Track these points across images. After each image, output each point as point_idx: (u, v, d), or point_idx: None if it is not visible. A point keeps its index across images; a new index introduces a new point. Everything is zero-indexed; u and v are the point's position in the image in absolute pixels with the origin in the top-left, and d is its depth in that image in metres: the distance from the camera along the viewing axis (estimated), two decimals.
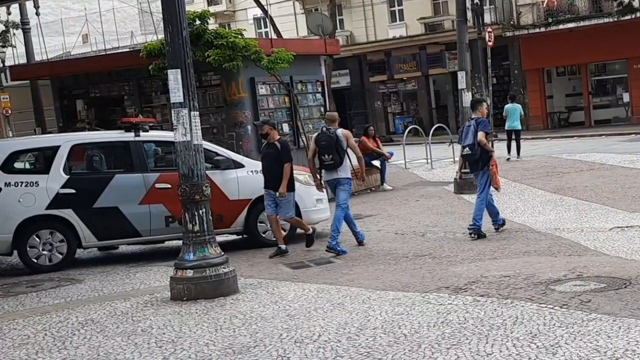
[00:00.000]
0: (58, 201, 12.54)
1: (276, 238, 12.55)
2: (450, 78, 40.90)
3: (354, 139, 13.47)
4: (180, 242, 10.36)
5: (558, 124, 39.86)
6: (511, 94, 28.82)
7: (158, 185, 12.82)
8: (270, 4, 35.22)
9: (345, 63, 43.47)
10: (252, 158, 15.05)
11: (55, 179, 12.60)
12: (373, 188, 20.25)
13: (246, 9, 48.35)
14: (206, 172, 10.06)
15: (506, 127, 25.73)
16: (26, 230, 12.44)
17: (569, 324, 7.16)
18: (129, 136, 13.06)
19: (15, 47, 39.92)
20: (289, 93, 20.02)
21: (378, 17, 44.80)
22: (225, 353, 7.23)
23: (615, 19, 35.43)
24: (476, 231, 12.47)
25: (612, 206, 14.61)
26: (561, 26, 37.21)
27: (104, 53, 35.55)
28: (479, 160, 12.61)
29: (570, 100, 40.41)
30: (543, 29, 37.83)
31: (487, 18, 37.14)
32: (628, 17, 34.61)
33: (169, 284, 9.86)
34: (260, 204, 13.22)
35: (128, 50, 30.24)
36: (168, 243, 13.93)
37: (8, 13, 37.11)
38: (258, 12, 43.88)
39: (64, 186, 12.60)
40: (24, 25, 30.36)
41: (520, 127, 25.70)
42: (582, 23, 36.57)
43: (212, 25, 24.36)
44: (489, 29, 28.90)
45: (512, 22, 39.20)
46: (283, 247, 12.37)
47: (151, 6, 39.85)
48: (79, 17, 50.22)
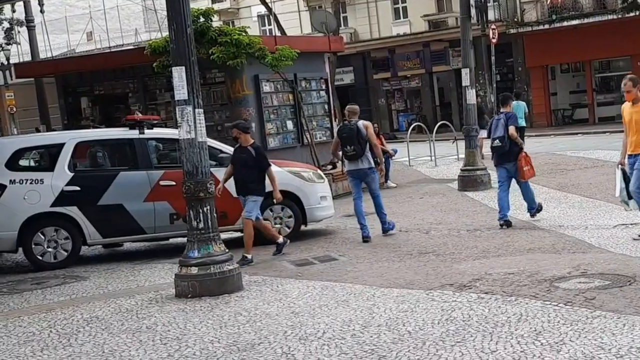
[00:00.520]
0: (63, 198, 12.57)
1: (271, 236, 12.41)
2: (453, 75, 40.89)
3: None
4: (184, 240, 10.37)
5: (562, 121, 39.82)
6: (516, 92, 28.87)
7: (162, 182, 12.84)
8: (274, 2, 35.21)
9: (349, 60, 43.46)
10: None
11: (60, 177, 12.63)
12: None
13: (250, 7, 48.36)
14: (210, 170, 10.07)
15: None
16: (31, 227, 12.47)
17: (574, 321, 7.16)
18: (134, 133, 13.08)
19: (20, 45, 40.05)
20: (293, 90, 20.04)
21: (382, 15, 44.77)
22: (229, 350, 7.25)
23: (619, 16, 35.39)
24: (535, 211, 13.63)
25: (616, 203, 14.54)
26: (565, 23, 37.17)
27: (109, 50, 35.58)
28: (509, 152, 13.11)
29: (574, 97, 40.36)
30: (547, 26, 37.78)
31: (491, 15, 37.15)
32: (632, 14, 34.55)
33: (174, 281, 9.89)
34: (264, 201, 13.21)
35: (132, 47, 30.25)
36: (172, 240, 13.94)
37: (13, 11, 37.20)
38: (262, 10, 43.86)
39: (69, 183, 12.62)
40: (29, 22, 30.41)
41: (524, 125, 25.78)
42: (586, 20, 36.53)
43: (216, 22, 24.33)
44: (493, 26, 28.92)
45: (516, 19, 39.16)
46: (248, 257, 11.85)
47: (155, 4, 39.93)
48: (84, 15, 50.31)
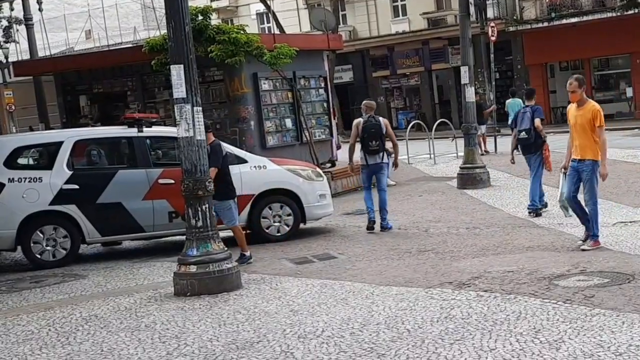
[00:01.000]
0: (61, 197, 12.55)
1: (240, 246, 11.68)
2: (453, 73, 40.91)
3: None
4: (183, 238, 10.37)
5: (561, 119, 39.75)
6: (512, 90, 28.95)
7: (161, 180, 12.82)
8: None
9: (348, 58, 43.48)
10: (255, 154, 15.08)
11: (58, 175, 12.61)
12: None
13: (249, 4, 48.36)
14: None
15: (509, 123, 25.94)
16: (30, 226, 12.46)
17: (573, 319, 7.17)
18: (132, 132, 13.07)
19: (18, 43, 40.02)
20: (292, 88, 20.03)
21: (381, 12, 44.75)
22: (228, 348, 7.25)
23: (618, 14, 35.40)
24: (534, 210, 13.81)
25: (616, 201, 14.60)
26: (564, 21, 37.17)
27: (107, 49, 35.57)
28: (533, 144, 13.83)
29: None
30: (546, 24, 37.78)
31: (490, 13, 37.13)
32: (631, 12, 34.59)
33: (173, 280, 9.89)
34: (263, 200, 13.26)
35: (131, 46, 30.24)
36: (171, 238, 13.94)
37: (11, 9, 37.18)
38: (261, 8, 43.87)
39: (68, 182, 12.61)
40: (27, 20, 30.38)
41: None
42: (585, 18, 36.51)
43: (215, 20, 24.34)
44: (492, 24, 28.90)
45: (515, 17, 39.16)
46: (247, 254, 11.59)
47: (154, 2, 39.89)
48: (82, 13, 50.30)
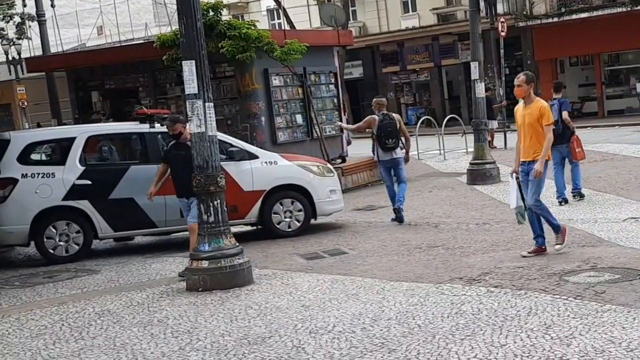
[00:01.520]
0: (74, 192, 12.63)
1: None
2: (462, 69, 40.83)
3: (367, 130, 14.70)
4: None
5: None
6: None
7: None
8: None
9: (358, 54, 43.45)
10: (266, 149, 15.13)
11: (71, 171, 12.69)
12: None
13: (259, 0, 48.39)
14: (221, 164, 10.11)
15: None
16: (43, 221, 12.54)
17: (583, 315, 7.18)
18: (144, 127, 13.13)
19: (31, 39, 40.11)
20: (303, 84, 20.06)
21: (391, 8, 44.70)
22: (240, 344, 7.29)
23: (628, 9, 35.27)
24: (579, 193, 14.61)
25: (626, 197, 14.59)
26: (574, 16, 37.04)
27: (119, 45, 35.64)
28: (562, 135, 14.15)
29: (583, 90, 40.23)
30: (556, 19, 37.67)
31: (500, 8, 36.96)
32: None
33: (184, 275, 9.95)
34: (274, 195, 13.30)
35: (142, 42, 30.28)
36: (183, 234, 13.99)
37: (24, 5, 37.27)
38: (271, 3, 43.89)
39: (80, 177, 12.68)
40: (40, 17, 30.46)
41: None
42: (596, 13, 36.40)
43: (226, 16, 24.37)
44: (502, 19, 28.84)
45: (525, 12, 39.05)
46: None
47: None
48: (94, 9, 50.36)
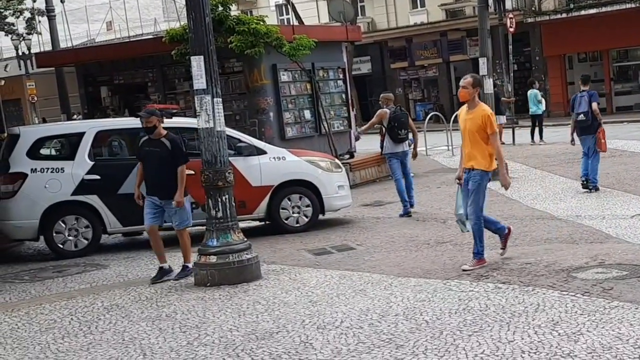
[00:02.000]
0: (83, 187, 12.67)
1: (158, 257, 10.60)
2: (471, 64, 40.65)
3: (376, 126, 15.46)
4: (203, 228, 10.45)
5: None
6: (529, 80, 29.08)
7: None
8: None
9: (366, 50, 43.41)
10: (274, 145, 15.15)
11: (80, 165, 12.72)
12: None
13: None
14: (229, 159, 10.12)
15: (530, 113, 26.58)
16: (52, 216, 12.59)
17: (591, 312, 7.19)
18: None
19: (40, 35, 40.20)
20: (311, 80, 20.06)
21: (399, 4, 44.63)
22: (248, 339, 7.32)
23: (637, 5, 35.16)
24: (594, 186, 14.93)
25: (634, 193, 14.57)
26: (583, 12, 36.95)
27: (128, 40, 35.70)
28: (590, 125, 14.86)
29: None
30: (564, 15, 37.58)
31: (509, 4, 36.94)
32: None
33: (193, 270, 9.97)
34: (282, 191, 13.31)
35: (151, 37, 30.33)
36: (191, 229, 13.99)
37: (33, 0, 37.33)
38: None
39: (89, 172, 12.72)
40: (49, 12, 30.49)
41: (537, 112, 26.14)
42: (604, 9, 36.28)
43: (234, 11, 24.37)
44: (510, 15, 28.80)
45: (534, 8, 38.96)
46: (166, 266, 10.47)
47: None
48: (103, 5, 50.45)
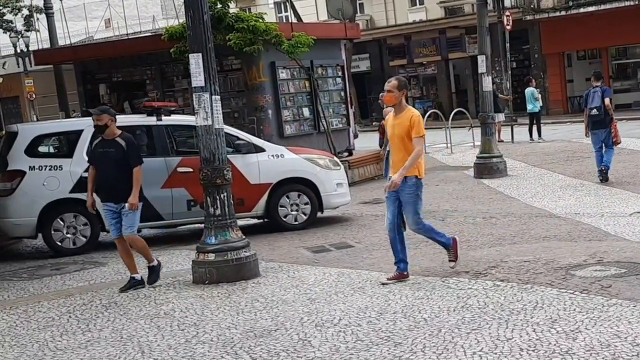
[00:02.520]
0: (82, 185, 12.56)
1: (128, 267, 10.07)
2: (470, 62, 40.78)
3: (374, 124, 14.74)
4: (202, 226, 10.44)
5: (578, 108, 39.60)
6: (526, 78, 29.13)
7: (180, 169, 12.90)
8: None
9: (365, 47, 43.42)
10: (273, 142, 15.14)
11: (78, 163, 12.70)
12: None
13: None
14: (227, 156, 10.11)
15: (528, 110, 26.65)
16: (50, 213, 12.59)
17: (589, 309, 7.18)
18: (151, 120, 13.15)
19: (39, 32, 40.18)
20: (310, 77, 20.05)
21: (398, 1, 44.65)
22: (246, 336, 7.31)
23: (636, 2, 35.17)
24: (605, 175, 15.62)
25: (633, 191, 14.57)
26: (582, 9, 36.97)
27: (126, 38, 35.67)
28: (603, 120, 15.53)
29: (590, 84, 40.03)
30: (563, 13, 37.59)
31: (507, 2, 36.98)
32: None
33: (191, 268, 9.97)
34: (281, 188, 13.31)
35: (150, 34, 30.31)
36: (190, 226, 14.02)
37: None
38: None
39: (88, 170, 12.68)
40: (48, 9, 30.51)
41: (535, 110, 26.20)
42: (603, 6, 36.28)
43: (233, 9, 24.35)
44: (507, 13, 28.84)
45: (533, 6, 38.95)
46: (138, 277, 9.90)
47: None
48: (102, 2, 50.41)
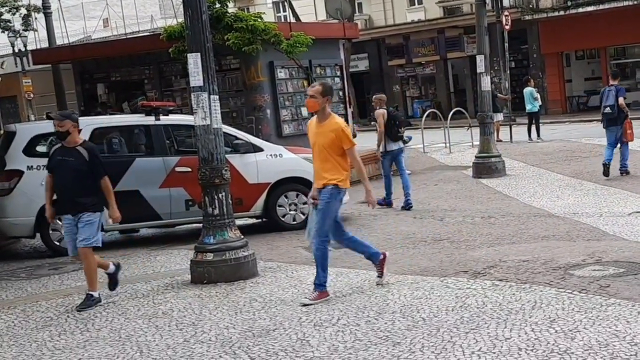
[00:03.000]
0: None
1: (88, 281, 9.15)
2: (468, 62, 40.77)
3: (373, 122, 15.44)
4: (200, 226, 10.43)
5: (577, 108, 39.69)
6: (525, 78, 29.13)
7: (178, 168, 12.89)
8: None
9: (363, 47, 43.41)
10: (272, 142, 15.14)
11: None
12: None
13: None
14: (226, 156, 10.11)
15: (527, 110, 26.62)
16: None
17: (588, 309, 7.18)
18: (150, 120, 13.13)
19: (37, 31, 40.14)
20: (308, 77, 20.03)
21: (396, 1, 44.65)
22: (245, 336, 7.31)
23: (635, 2, 35.17)
24: (626, 171, 16.34)
25: (631, 191, 14.57)
26: (580, 9, 36.95)
27: (125, 37, 35.65)
28: (617, 117, 16.09)
29: (589, 84, 40.16)
30: (562, 12, 37.58)
31: (506, 1, 36.96)
32: None
33: (189, 267, 9.95)
34: (279, 188, 13.30)
35: (148, 34, 30.30)
36: (188, 226, 14.01)
37: None
38: None
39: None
40: (46, 9, 30.47)
41: (533, 109, 26.19)
42: (602, 6, 36.27)
43: (232, 8, 24.37)
44: (506, 13, 28.83)
45: (531, 6, 38.94)
46: (95, 295, 9.04)
47: None
48: (100, 2, 50.39)
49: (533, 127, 26.45)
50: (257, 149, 13.36)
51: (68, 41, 40.53)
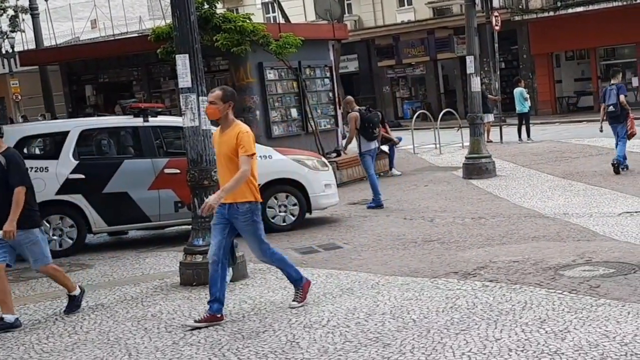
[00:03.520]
0: (68, 186, 12.58)
1: (64, 285, 8.88)
2: (458, 63, 40.81)
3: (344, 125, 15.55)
4: (189, 227, 10.38)
5: (567, 109, 39.78)
6: (515, 79, 29.19)
7: (167, 170, 12.85)
8: None
9: (353, 48, 43.39)
10: (261, 143, 15.07)
11: (64, 165, 12.64)
12: (382, 173, 20.23)
13: None
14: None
15: (517, 111, 26.68)
16: None
17: (578, 310, 7.17)
18: (138, 121, 13.08)
19: (24, 33, 40.03)
20: (297, 78, 20.03)
21: (386, 2, 44.66)
22: (234, 338, 7.27)
23: (624, 3, 35.28)
24: (619, 164, 16.61)
25: (621, 191, 14.59)
26: (570, 10, 37.05)
27: (113, 38, 35.57)
28: (619, 115, 16.71)
29: (579, 84, 40.27)
30: (552, 13, 37.68)
31: (496, 2, 37.01)
32: (638, 1, 34.42)
33: (179, 269, 9.90)
34: (269, 189, 13.25)
35: (136, 35, 30.23)
36: (177, 228, 13.96)
37: None
38: None
39: (74, 171, 12.63)
40: (33, 10, 30.40)
41: (524, 110, 26.24)
42: (591, 7, 36.38)
43: (220, 9, 24.32)
44: (496, 13, 28.85)
45: (521, 6, 39.03)
46: (11, 319, 8.26)
47: None
48: (88, 2, 50.23)
49: (523, 128, 26.51)
50: None
51: (56, 42, 40.44)
